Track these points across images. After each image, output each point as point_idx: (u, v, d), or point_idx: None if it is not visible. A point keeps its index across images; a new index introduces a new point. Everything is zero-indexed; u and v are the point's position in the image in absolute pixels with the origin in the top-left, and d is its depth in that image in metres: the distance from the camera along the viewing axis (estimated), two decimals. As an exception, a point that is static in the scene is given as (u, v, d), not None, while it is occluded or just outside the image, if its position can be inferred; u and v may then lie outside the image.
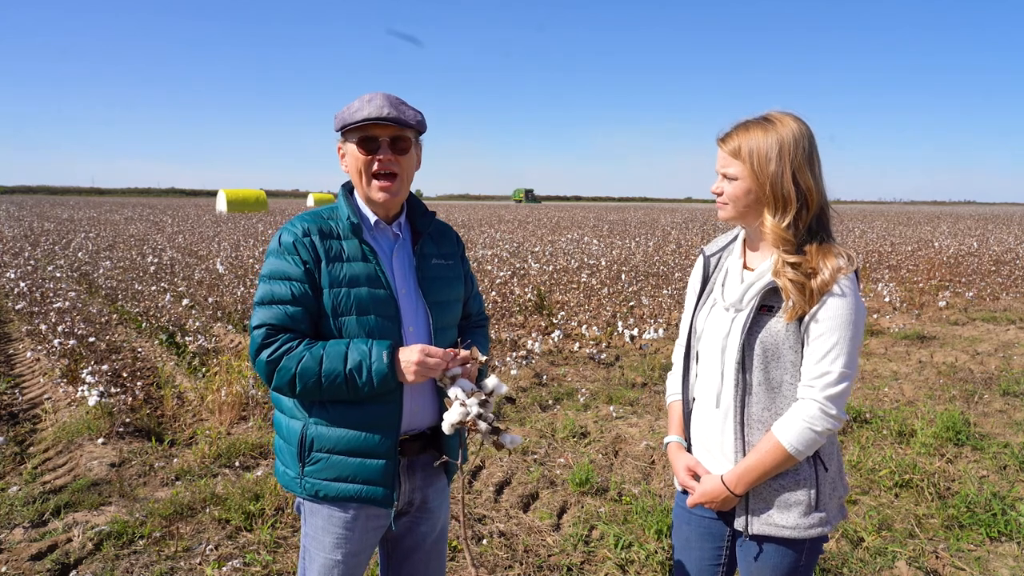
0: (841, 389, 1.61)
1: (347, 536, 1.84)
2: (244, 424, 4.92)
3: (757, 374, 1.68)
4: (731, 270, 1.82)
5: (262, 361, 1.70)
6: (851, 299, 1.61)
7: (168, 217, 34.26)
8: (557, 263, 14.03)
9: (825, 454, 1.71)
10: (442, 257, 1.95)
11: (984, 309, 9.79)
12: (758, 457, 1.66)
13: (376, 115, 1.73)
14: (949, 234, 26.37)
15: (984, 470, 4.23)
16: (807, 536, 1.70)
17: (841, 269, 1.61)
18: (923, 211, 73.53)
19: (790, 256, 1.64)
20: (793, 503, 1.69)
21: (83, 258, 14.22)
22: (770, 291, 1.68)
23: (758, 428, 1.70)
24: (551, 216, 43.63)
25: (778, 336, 1.66)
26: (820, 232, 1.68)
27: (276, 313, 1.72)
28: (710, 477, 1.76)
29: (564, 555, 3.28)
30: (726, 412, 1.74)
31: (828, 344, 1.60)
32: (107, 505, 3.68)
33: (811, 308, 1.62)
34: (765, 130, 1.66)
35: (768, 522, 1.71)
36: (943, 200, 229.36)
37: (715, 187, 1.75)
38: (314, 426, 1.78)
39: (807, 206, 1.65)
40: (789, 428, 1.63)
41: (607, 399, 5.58)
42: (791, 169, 1.63)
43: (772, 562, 1.74)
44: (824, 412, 1.61)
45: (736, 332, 1.70)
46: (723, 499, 1.73)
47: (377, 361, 1.66)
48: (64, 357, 6.15)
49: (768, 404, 1.69)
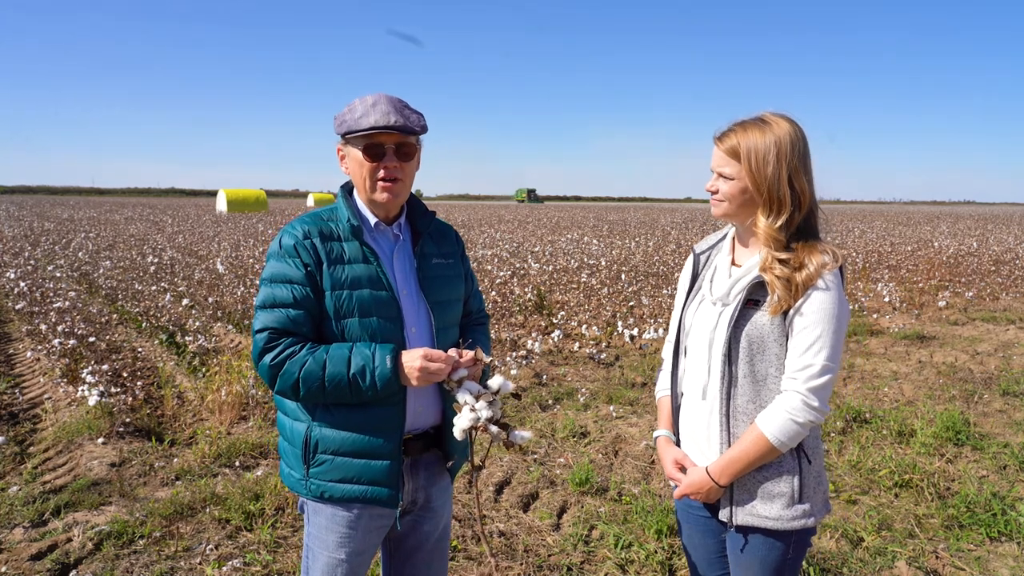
0: (824, 381, 1.62)
1: (351, 535, 1.84)
2: (244, 424, 4.93)
3: (743, 367, 1.71)
4: (719, 266, 1.86)
5: (265, 365, 1.70)
6: (835, 293, 1.63)
7: (168, 217, 34.26)
8: (557, 263, 14.03)
9: (809, 447, 1.72)
10: (442, 256, 1.95)
11: (984, 309, 9.79)
12: (742, 448, 1.68)
13: (383, 124, 1.71)
14: (949, 234, 26.37)
15: (984, 470, 4.24)
16: (791, 528, 1.71)
17: (826, 265, 1.64)
18: (923, 211, 73.57)
19: (779, 253, 1.67)
20: (776, 494, 1.71)
21: (83, 258, 14.22)
22: (756, 286, 1.70)
23: (743, 420, 1.72)
24: (551, 216, 43.64)
25: (763, 329, 1.68)
26: (808, 231, 1.71)
27: (278, 317, 1.72)
28: (696, 469, 1.79)
29: (564, 555, 3.28)
30: (712, 404, 1.77)
31: (811, 337, 1.62)
32: (107, 505, 3.68)
33: (795, 302, 1.64)
34: (763, 131, 1.67)
35: (751, 512, 1.73)
36: (943, 200, 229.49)
37: (710, 185, 1.77)
38: (318, 428, 1.78)
39: (799, 208, 1.68)
40: (772, 420, 1.65)
41: (607, 399, 5.58)
42: (787, 172, 1.65)
43: (759, 555, 1.76)
44: (806, 404, 1.62)
45: (723, 325, 1.73)
46: (708, 490, 1.75)
47: (380, 365, 1.66)
48: (64, 357, 6.16)
49: (753, 396, 1.71)
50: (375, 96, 1.76)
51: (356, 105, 1.76)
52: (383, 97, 1.76)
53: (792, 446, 1.66)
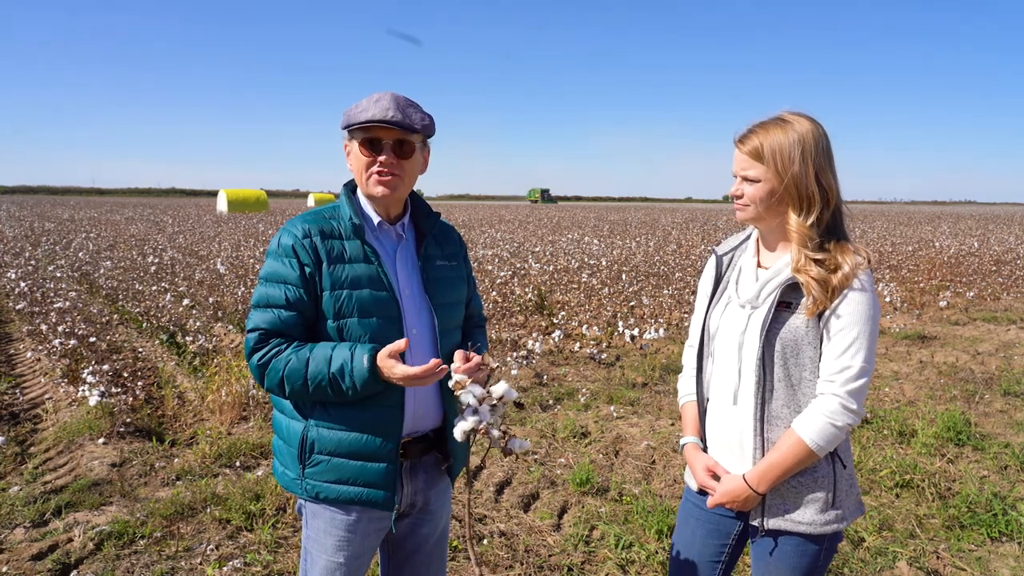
0: (861, 384, 1.61)
1: (349, 538, 1.83)
2: (244, 424, 4.93)
3: (777, 370, 1.68)
4: (745, 268, 1.82)
5: (254, 364, 1.72)
6: (870, 295, 1.62)
7: (168, 217, 34.27)
8: (557, 263, 14.03)
9: (843, 451, 1.71)
10: (446, 258, 1.94)
11: (985, 309, 9.78)
12: (780, 455, 1.65)
13: (380, 117, 1.71)
14: (950, 234, 26.36)
15: (985, 470, 4.23)
16: (823, 532, 1.69)
17: (860, 264, 1.62)
18: (923, 211, 73.51)
19: (815, 253, 1.64)
20: (811, 500, 1.69)
21: (84, 258, 14.23)
22: (789, 287, 1.67)
23: (778, 425, 1.69)
24: (551, 216, 43.62)
25: (798, 332, 1.66)
26: (836, 229, 1.68)
27: (269, 317, 1.72)
28: (731, 477, 1.74)
29: (564, 555, 3.28)
30: (744, 410, 1.73)
31: (849, 338, 1.60)
32: (108, 505, 3.68)
33: (831, 304, 1.62)
34: (784, 131, 1.65)
35: (785, 518, 1.70)
36: (943, 200, 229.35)
37: (735, 190, 1.73)
38: (315, 428, 1.77)
39: (827, 205, 1.66)
40: (810, 424, 1.62)
41: (607, 399, 5.57)
42: (814, 169, 1.64)
43: (791, 561, 1.73)
44: (845, 407, 1.60)
45: (754, 329, 1.70)
46: (745, 498, 1.71)
47: (358, 365, 1.65)
48: (65, 357, 6.16)
49: (788, 401, 1.68)
50: (382, 93, 1.76)
51: (363, 101, 1.76)
52: (389, 95, 1.75)
53: (830, 450, 1.64)
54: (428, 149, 1.88)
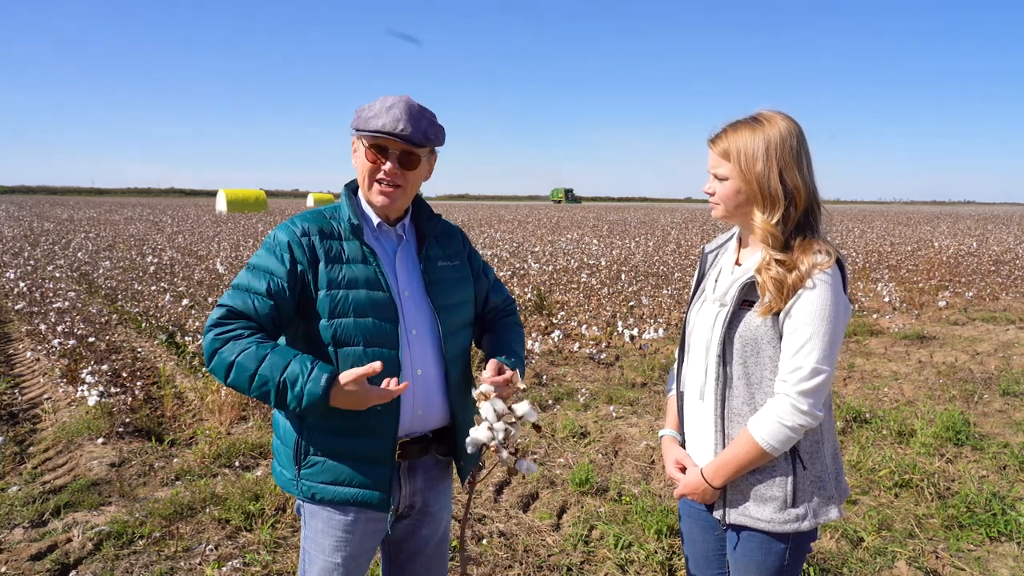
0: (814, 384, 1.60)
1: (347, 539, 1.83)
2: (244, 424, 4.92)
3: (737, 368, 1.70)
4: (724, 266, 1.86)
5: (210, 338, 1.66)
6: (827, 294, 1.60)
7: (168, 217, 34.25)
8: (557, 263, 14.03)
9: (805, 452, 1.69)
10: (448, 259, 1.93)
11: (984, 309, 9.79)
12: (733, 452, 1.68)
13: (390, 130, 1.69)
14: (949, 234, 26.37)
15: (984, 470, 4.23)
16: (783, 531, 1.70)
17: (818, 264, 1.62)
18: (923, 211, 73.56)
19: (777, 253, 1.66)
20: (769, 498, 1.70)
21: (83, 258, 14.22)
22: (750, 286, 1.69)
23: (738, 422, 1.71)
24: (551, 216, 43.62)
25: (757, 331, 1.67)
26: (807, 228, 1.69)
27: (244, 300, 1.69)
28: (693, 470, 1.79)
29: (564, 555, 3.28)
30: (708, 405, 1.77)
31: (802, 339, 1.61)
32: (107, 505, 3.68)
33: (786, 304, 1.63)
34: (753, 130, 1.67)
35: (744, 513, 1.73)
36: (943, 200, 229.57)
37: (707, 187, 1.78)
38: (311, 429, 1.77)
39: (795, 204, 1.66)
40: (762, 424, 1.64)
41: (607, 399, 5.58)
42: (778, 168, 1.65)
43: (757, 557, 1.75)
44: (795, 407, 1.60)
45: (718, 326, 1.73)
46: (702, 491, 1.76)
47: (313, 382, 1.58)
48: (64, 357, 6.15)
49: (747, 399, 1.70)
50: (397, 99, 1.72)
51: (376, 103, 1.74)
52: (403, 102, 1.71)
53: (784, 450, 1.65)
54: (435, 156, 1.87)
